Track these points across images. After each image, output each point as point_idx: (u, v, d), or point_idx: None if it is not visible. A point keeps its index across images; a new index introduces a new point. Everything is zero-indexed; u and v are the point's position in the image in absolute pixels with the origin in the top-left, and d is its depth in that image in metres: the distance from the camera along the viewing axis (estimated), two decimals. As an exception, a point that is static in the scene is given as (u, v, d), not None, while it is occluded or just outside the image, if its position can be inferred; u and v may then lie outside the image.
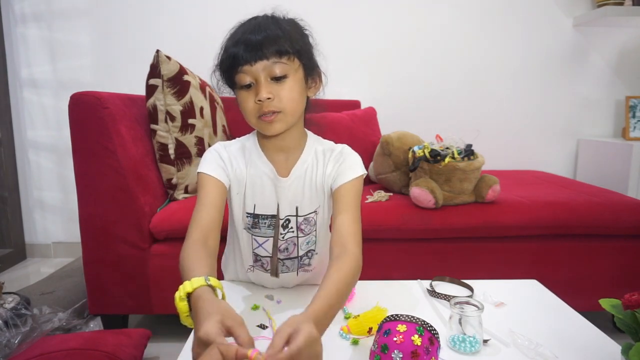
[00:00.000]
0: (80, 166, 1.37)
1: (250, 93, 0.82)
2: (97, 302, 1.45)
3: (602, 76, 2.40)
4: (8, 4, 2.24)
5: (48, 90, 2.30)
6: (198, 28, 2.24)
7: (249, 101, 0.82)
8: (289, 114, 0.83)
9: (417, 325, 0.66)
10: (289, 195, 0.90)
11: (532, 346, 0.74)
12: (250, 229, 0.93)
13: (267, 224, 0.92)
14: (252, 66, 0.79)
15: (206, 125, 1.62)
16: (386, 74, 2.35)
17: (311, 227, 0.94)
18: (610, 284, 1.52)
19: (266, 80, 0.80)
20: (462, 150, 1.48)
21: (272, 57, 0.79)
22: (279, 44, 0.79)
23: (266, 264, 0.96)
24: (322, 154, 0.93)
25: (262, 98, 0.79)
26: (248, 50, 0.78)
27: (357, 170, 0.90)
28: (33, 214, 2.40)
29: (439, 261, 1.49)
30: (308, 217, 0.93)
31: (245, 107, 0.83)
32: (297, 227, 0.93)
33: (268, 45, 0.78)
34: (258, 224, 0.92)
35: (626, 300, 0.63)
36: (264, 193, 0.91)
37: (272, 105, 0.81)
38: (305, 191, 0.91)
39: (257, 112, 0.82)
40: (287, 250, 0.95)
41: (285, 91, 0.81)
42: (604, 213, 1.49)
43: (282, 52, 0.79)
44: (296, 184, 0.91)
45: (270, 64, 0.79)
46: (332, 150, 0.94)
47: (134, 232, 1.39)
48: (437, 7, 2.31)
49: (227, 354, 0.51)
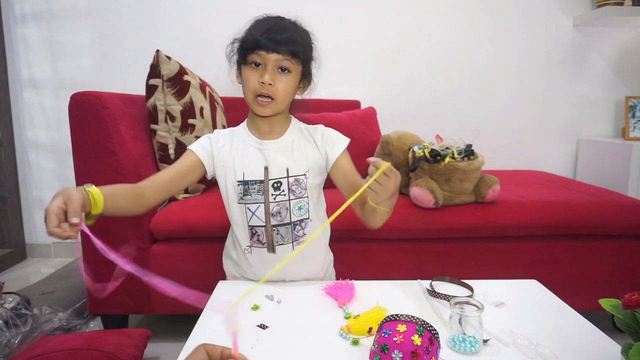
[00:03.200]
0: (80, 166, 1.37)
1: (256, 72, 0.95)
2: (97, 302, 1.45)
3: (602, 76, 2.40)
4: (8, 4, 2.24)
5: (48, 90, 2.30)
6: (198, 28, 2.24)
7: (253, 79, 0.95)
8: (279, 103, 0.97)
9: (417, 325, 0.66)
10: (277, 157, 1.01)
11: (532, 346, 0.74)
12: (242, 198, 1.01)
13: (257, 189, 1.00)
14: (268, 54, 0.93)
15: (206, 125, 1.62)
16: (386, 74, 2.35)
17: (302, 190, 1.01)
18: (610, 284, 1.52)
19: (273, 69, 0.95)
20: (462, 150, 1.48)
21: (285, 54, 0.93)
22: (294, 47, 0.94)
23: (262, 235, 1.02)
24: (305, 130, 1.07)
25: (266, 81, 0.93)
26: (270, 42, 0.92)
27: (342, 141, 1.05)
28: (33, 214, 2.40)
29: (439, 261, 1.49)
30: (298, 179, 1.01)
31: (248, 81, 0.96)
32: (288, 188, 1.00)
33: (286, 44, 0.93)
34: (248, 190, 1.01)
35: (626, 300, 0.63)
36: (250, 160, 1.01)
37: (270, 90, 0.94)
38: (295, 155, 1.02)
39: (256, 91, 0.95)
40: (279, 215, 1.01)
41: (283, 83, 0.96)
42: (604, 213, 1.49)
43: (294, 53, 0.94)
44: (285, 149, 1.02)
45: (281, 58, 0.94)
46: (315, 128, 1.08)
47: (134, 232, 1.39)
48: (438, 7, 2.31)
49: (212, 354, 0.53)
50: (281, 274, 1.04)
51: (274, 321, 0.84)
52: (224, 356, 0.53)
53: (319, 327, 0.83)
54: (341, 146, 1.04)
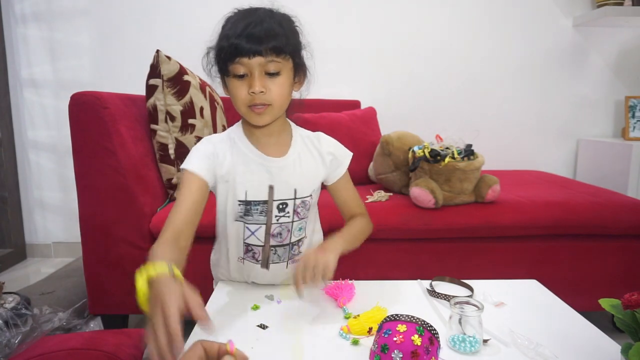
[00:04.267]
0: (80, 166, 1.37)
1: (243, 83, 0.85)
2: (97, 302, 1.45)
3: (601, 76, 2.40)
4: (8, 4, 2.24)
5: (48, 90, 2.30)
6: (198, 28, 2.23)
7: (241, 91, 0.85)
8: (277, 108, 0.88)
9: (417, 325, 0.66)
10: (284, 176, 0.93)
11: (532, 346, 0.74)
12: (242, 217, 0.94)
13: (259, 210, 0.93)
14: (250, 59, 0.82)
15: (206, 125, 1.62)
16: (386, 74, 2.35)
17: (306, 212, 0.97)
18: (610, 284, 1.52)
19: (260, 75, 0.84)
20: (462, 150, 1.48)
21: (269, 54, 0.82)
22: (277, 42, 0.82)
23: (257, 253, 0.97)
24: (307, 139, 0.99)
25: (256, 91, 0.83)
26: (248, 44, 0.81)
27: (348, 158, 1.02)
28: (33, 214, 2.40)
29: (439, 261, 1.49)
30: (305, 200, 0.95)
31: (236, 95, 0.86)
32: (293, 210, 0.94)
33: (267, 42, 0.81)
34: (250, 211, 0.93)
35: (626, 300, 0.63)
36: (254, 178, 0.92)
37: (264, 98, 0.85)
38: (304, 173, 0.95)
39: (248, 102, 0.85)
40: (280, 236, 0.96)
41: (276, 86, 0.85)
42: (604, 213, 1.49)
43: (279, 50, 0.83)
44: (292, 166, 0.94)
45: (266, 61, 0.83)
46: (318, 138, 1.00)
47: (134, 232, 1.39)
48: (438, 7, 2.31)
49: (209, 350, 0.53)
50: (271, 279, 1.01)
51: (274, 321, 0.84)
52: (220, 352, 0.53)
53: (319, 327, 0.83)
54: (346, 164, 1.01)
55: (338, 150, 1.01)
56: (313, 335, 0.79)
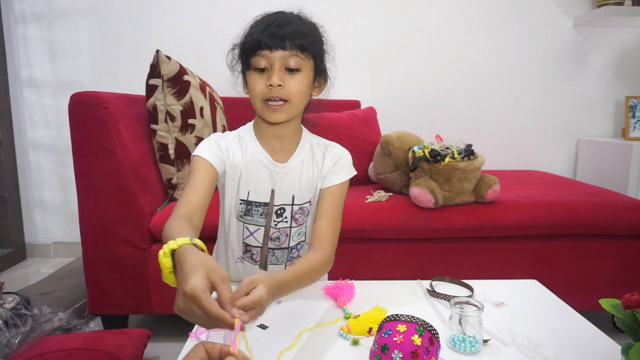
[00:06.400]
0: (80, 166, 1.37)
1: (262, 76, 0.85)
2: (97, 302, 1.45)
3: (602, 76, 2.40)
4: (8, 4, 2.24)
5: (48, 90, 2.30)
6: (198, 28, 2.24)
7: (260, 84, 0.85)
8: (294, 106, 0.87)
9: (417, 325, 0.66)
10: (285, 183, 0.93)
11: (532, 346, 0.74)
12: (242, 216, 0.94)
13: (260, 212, 0.93)
14: (272, 52, 0.83)
15: (206, 125, 1.62)
16: (386, 74, 2.35)
17: (304, 218, 0.97)
18: (610, 284, 1.52)
19: (280, 69, 0.84)
20: (462, 150, 1.48)
21: (291, 49, 0.83)
22: (301, 39, 0.84)
23: (256, 254, 0.98)
24: (317, 146, 0.98)
25: (274, 83, 0.83)
26: (272, 38, 0.82)
27: (349, 172, 0.97)
28: (33, 214, 2.40)
29: (439, 261, 1.49)
30: (303, 207, 0.95)
31: (254, 88, 0.86)
32: (291, 216, 0.95)
33: (291, 38, 0.83)
34: (250, 211, 0.94)
35: (626, 300, 0.63)
36: (258, 180, 0.93)
37: (281, 92, 0.84)
38: (302, 181, 0.94)
39: (264, 95, 0.85)
40: (278, 240, 0.96)
41: (295, 82, 0.85)
42: (604, 213, 1.49)
43: (302, 47, 0.84)
44: (293, 173, 0.94)
45: (288, 55, 0.84)
46: (327, 145, 0.99)
47: (134, 232, 1.39)
48: (437, 7, 2.31)
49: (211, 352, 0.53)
50: None
51: (274, 321, 0.84)
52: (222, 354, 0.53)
53: (319, 327, 0.82)
54: (345, 175, 0.96)
55: (343, 160, 0.98)
56: (313, 335, 0.79)
